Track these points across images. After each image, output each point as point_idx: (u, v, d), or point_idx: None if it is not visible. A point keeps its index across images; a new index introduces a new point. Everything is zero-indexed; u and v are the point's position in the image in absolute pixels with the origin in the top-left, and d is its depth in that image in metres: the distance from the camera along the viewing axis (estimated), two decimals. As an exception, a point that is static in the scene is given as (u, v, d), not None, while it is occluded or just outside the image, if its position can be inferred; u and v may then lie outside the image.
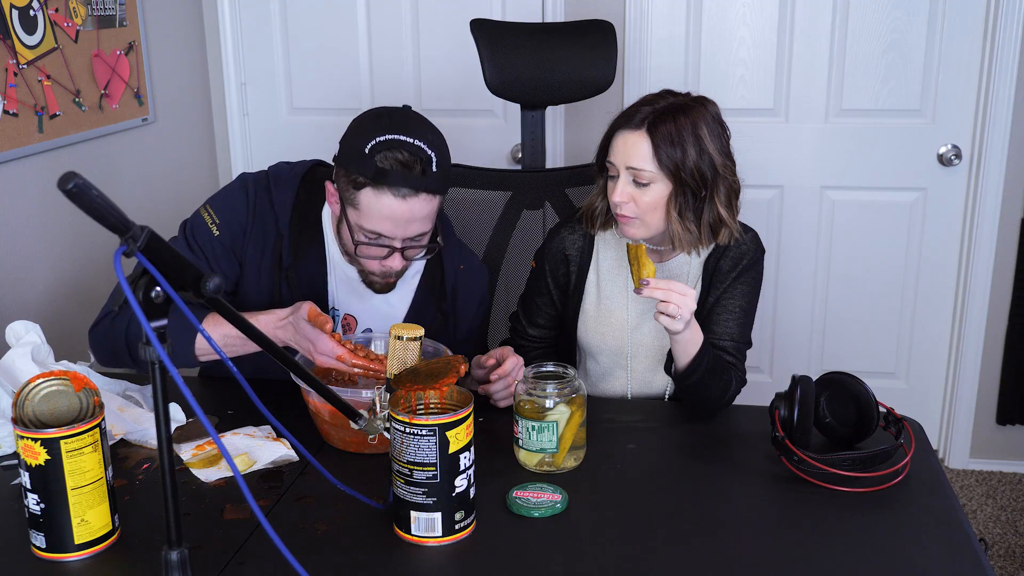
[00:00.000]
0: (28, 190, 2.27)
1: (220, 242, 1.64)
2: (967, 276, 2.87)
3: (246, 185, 1.67)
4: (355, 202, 1.53)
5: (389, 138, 1.50)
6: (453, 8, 2.91)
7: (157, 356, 0.92)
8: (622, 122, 1.65)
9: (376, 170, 1.49)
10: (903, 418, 1.47)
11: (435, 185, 1.54)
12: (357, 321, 1.73)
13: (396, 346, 1.35)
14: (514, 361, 1.57)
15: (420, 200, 1.52)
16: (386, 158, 1.50)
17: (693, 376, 1.59)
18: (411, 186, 1.50)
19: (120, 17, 2.58)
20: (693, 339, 1.58)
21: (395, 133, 1.51)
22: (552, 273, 1.83)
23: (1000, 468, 3.01)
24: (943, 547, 1.24)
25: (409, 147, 1.51)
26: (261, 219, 1.65)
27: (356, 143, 1.52)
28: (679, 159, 1.60)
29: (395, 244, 1.56)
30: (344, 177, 1.54)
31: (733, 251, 1.73)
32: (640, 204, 1.63)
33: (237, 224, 1.64)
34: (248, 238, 1.65)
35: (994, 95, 2.70)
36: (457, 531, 1.24)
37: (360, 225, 1.55)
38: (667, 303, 1.49)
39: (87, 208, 0.84)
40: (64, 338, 2.20)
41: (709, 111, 1.65)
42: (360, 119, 1.58)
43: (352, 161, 1.52)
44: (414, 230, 1.56)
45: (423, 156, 1.51)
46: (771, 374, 3.09)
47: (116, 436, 1.50)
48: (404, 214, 1.52)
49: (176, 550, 1.00)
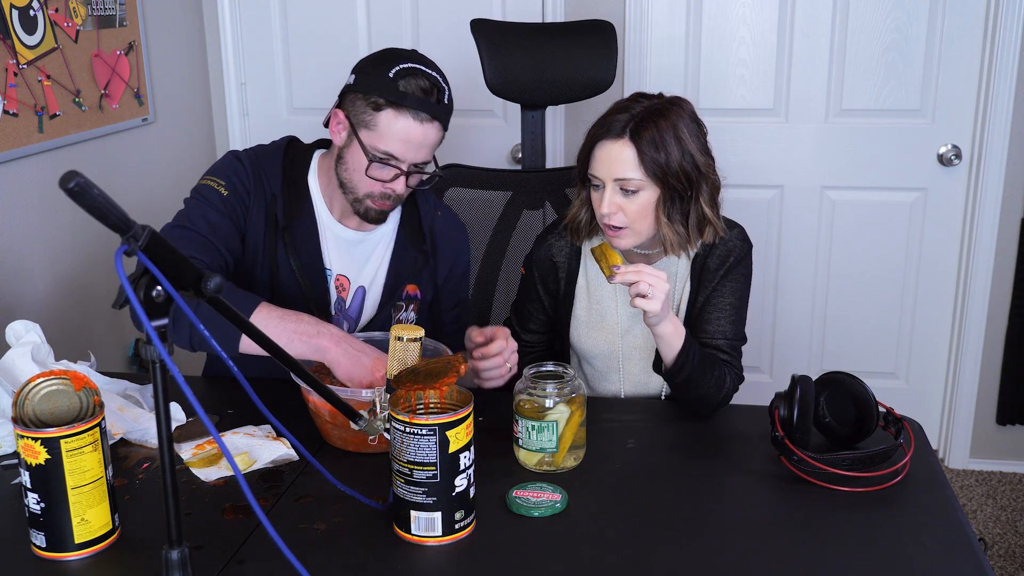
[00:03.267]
0: (28, 190, 2.27)
1: (229, 201, 1.69)
2: (967, 276, 2.87)
3: (238, 156, 1.75)
4: (372, 123, 1.62)
5: (412, 66, 1.62)
6: (453, 8, 2.91)
7: (158, 355, 0.92)
8: (601, 133, 1.63)
9: (399, 93, 1.59)
10: (903, 418, 1.47)
11: (446, 116, 1.67)
12: (350, 281, 1.79)
13: (396, 347, 1.35)
14: (502, 344, 1.56)
15: (434, 127, 1.64)
16: (409, 83, 1.60)
17: (682, 373, 1.59)
18: (429, 111, 1.61)
19: (120, 17, 2.58)
20: (675, 331, 1.59)
21: (416, 63, 1.63)
22: (541, 280, 1.83)
23: (1000, 468, 3.01)
24: (943, 547, 1.24)
25: (429, 77, 1.62)
26: (258, 182, 1.73)
27: (378, 69, 1.62)
28: (664, 163, 1.59)
29: (403, 167, 1.65)
30: (362, 100, 1.62)
31: (720, 248, 1.72)
32: (629, 213, 1.63)
33: (240, 184, 1.71)
34: (252, 198, 1.72)
35: (994, 95, 2.70)
36: (457, 531, 1.24)
37: (374, 146, 1.63)
38: (638, 284, 1.51)
39: (88, 207, 0.84)
40: (64, 338, 2.20)
41: (686, 110, 1.64)
42: (376, 53, 1.68)
43: (373, 85, 1.61)
44: (422, 156, 1.66)
45: (440, 86, 1.64)
46: (771, 374, 3.09)
47: (116, 436, 1.50)
48: (419, 137, 1.62)
49: (176, 549, 1.00)
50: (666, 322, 1.57)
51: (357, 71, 1.66)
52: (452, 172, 2.18)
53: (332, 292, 1.76)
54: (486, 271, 2.22)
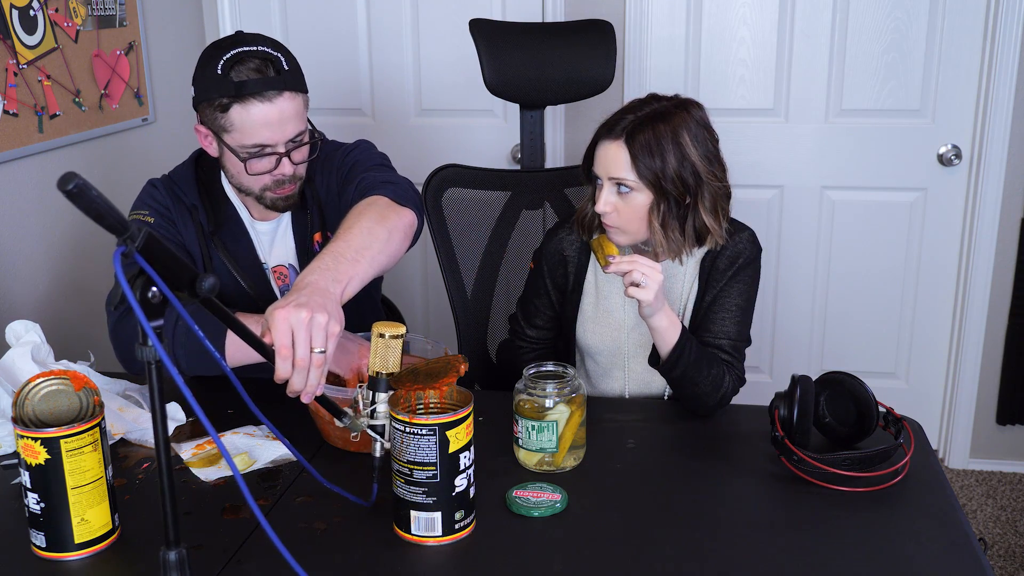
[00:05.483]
0: (28, 190, 2.27)
1: (157, 227, 1.70)
2: (967, 276, 2.87)
3: (153, 184, 1.77)
4: (228, 125, 1.60)
5: (234, 53, 1.57)
6: (453, 8, 2.91)
7: (155, 356, 0.92)
8: (604, 132, 1.65)
9: (235, 85, 1.56)
10: (903, 418, 1.47)
11: (293, 82, 1.61)
12: (288, 268, 1.80)
13: (379, 343, 1.33)
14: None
15: (285, 99, 1.59)
16: (240, 71, 1.57)
17: (677, 368, 1.59)
18: (274, 87, 1.57)
19: (120, 17, 2.58)
20: (671, 325, 1.60)
21: (236, 48, 1.58)
22: (550, 274, 1.83)
23: (1000, 468, 3.01)
24: (943, 547, 1.24)
25: (256, 53, 1.58)
26: (176, 199, 1.74)
27: (207, 72, 1.59)
28: (659, 168, 1.60)
29: (279, 150, 1.62)
30: (209, 108, 1.60)
31: (729, 250, 1.73)
32: (623, 213, 1.64)
33: (163, 207, 1.73)
34: (176, 216, 1.73)
35: (994, 95, 2.70)
36: (457, 531, 1.24)
37: (242, 144, 1.61)
38: (632, 273, 1.53)
39: (86, 209, 0.84)
40: (64, 338, 2.20)
41: (692, 116, 1.64)
42: (201, 56, 1.64)
43: (210, 89, 1.58)
44: (291, 131, 1.62)
45: (271, 58, 1.59)
46: (771, 374, 3.09)
47: (116, 436, 1.50)
48: (276, 116, 1.59)
49: (175, 550, 1.00)
50: (660, 314, 1.58)
51: (193, 82, 1.63)
52: (451, 172, 2.18)
53: (274, 286, 1.78)
54: (485, 271, 2.22)
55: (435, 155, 2.91)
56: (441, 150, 3.01)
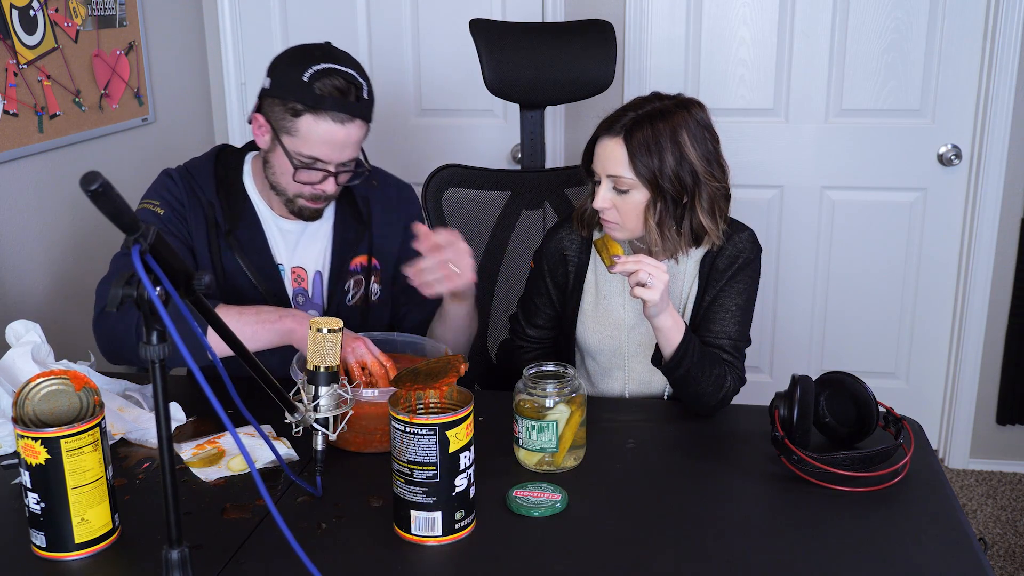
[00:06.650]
0: (28, 190, 2.27)
1: (167, 220, 1.69)
2: (967, 276, 2.87)
3: (169, 174, 1.76)
4: (293, 129, 1.61)
5: (325, 67, 1.59)
6: (453, 8, 2.91)
7: (158, 355, 0.92)
8: (604, 128, 1.66)
9: (315, 97, 1.58)
10: (903, 418, 1.47)
11: (367, 112, 1.64)
12: (306, 271, 1.80)
13: (316, 338, 1.32)
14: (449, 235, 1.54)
15: (355, 126, 1.62)
16: (324, 85, 1.58)
17: (680, 368, 1.59)
18: (348, 111, 1.60)
19: (120, 17, 2.58)
20: (675, 325, 1.59)
21: (329, 63, 1.60)
22: (551, 273, 1.83)
23: (1000, 468, 3.01)
24: (943, 547, 1.24)
25: (344, 75, 1.60)
26: (192, 195, 1.73)
27: (292, 73, 1.59)
28: (656, 167, 1.60)
29: (330, 168, 1.65)
30: (280, 106, 1.61)
31: (729, 249, 1.73)
32: (620, 210, 1.64)
33: (176, 201, 1.71)
34: (188, 212, 1.72)
35: (994, 95, 2.70)
36: (457, 531, 1.24)
37: (298, 151, 1.62)
38: (638, 273, 1.52)
39: (106, 208, 0.84)
40: (64, 338, 2.20)
41: (693, 116, 1.64)
42: (289, 53, 1.65)
43: (289, 90, 1.59)
44: (348, 155, 1.65)
45: (356, 83, 1.62)
46: (771, 374, 3.09)
47: (116, 436, 1.50)
48: (341, 138, 1.61)
49: (176, 549, 1.00)
50: (665, 314, 1.57)
51: (272, 73, 1.64)
52: (451, 172, 2.18)
53: (288, 286, 1.78)
54: (485, 271, 2.22)
55: (435, 155, 2.91)
56: (441, 150, 3.01)
